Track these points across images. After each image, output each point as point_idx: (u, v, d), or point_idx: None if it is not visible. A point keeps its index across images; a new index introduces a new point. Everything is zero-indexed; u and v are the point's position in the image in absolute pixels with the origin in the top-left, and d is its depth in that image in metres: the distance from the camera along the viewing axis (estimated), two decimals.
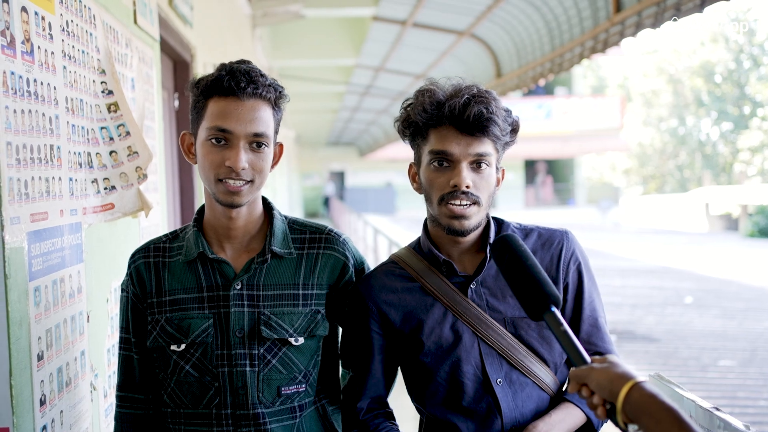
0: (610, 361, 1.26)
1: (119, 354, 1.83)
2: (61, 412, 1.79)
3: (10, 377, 1.52)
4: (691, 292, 11.85)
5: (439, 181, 1.68)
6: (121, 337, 1.83)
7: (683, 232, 25.37)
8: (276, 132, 1.73)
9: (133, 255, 1.82)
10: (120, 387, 1.82)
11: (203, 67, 4.36)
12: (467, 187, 1.65)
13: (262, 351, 1.71)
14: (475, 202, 1.67)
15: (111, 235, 2.26)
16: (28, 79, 1.63)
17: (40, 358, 1.66)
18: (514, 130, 1.72)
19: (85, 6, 2.06)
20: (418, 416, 1.89)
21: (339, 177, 38.38)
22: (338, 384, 1.90)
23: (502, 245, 1.50)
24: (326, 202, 33.96)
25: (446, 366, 1.72)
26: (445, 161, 1.67)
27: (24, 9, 1.62)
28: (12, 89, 1.55)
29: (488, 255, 1.73)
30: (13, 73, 1.56)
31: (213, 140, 1.65)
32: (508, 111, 1.71)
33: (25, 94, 1.62)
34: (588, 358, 1.29)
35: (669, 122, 39.51)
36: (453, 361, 1.71)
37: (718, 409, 1.80)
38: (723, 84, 36.80)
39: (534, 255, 1.69)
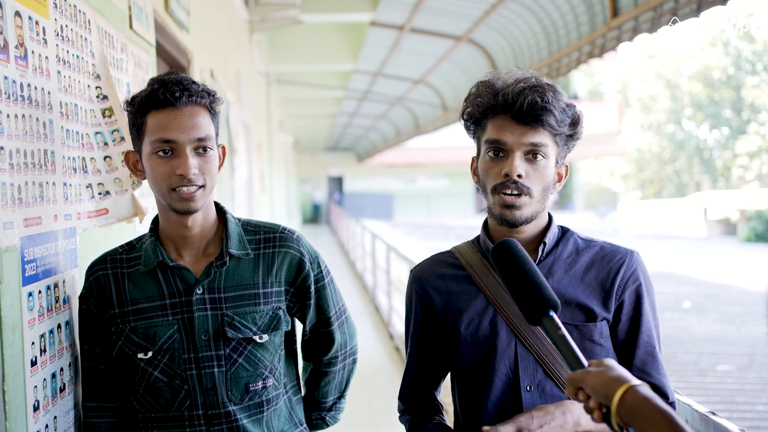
0: (606, 365, 1.25)
1: (83, 366, 1.84)
2: (55, 417, 1.78)
3: (2, 383, 1.51)
4: (690, 296, 11.85)
5: (493, 171, 1.65)
6: (83, 349, 1.84)
7: (681, 236, 25.39)
8: (217, 135, 1.77)
9: (91, 267, 1.84)
10: (86, 397, 1.84)
11: (200, 72, 4.36)
12: (519, 176, 1.60)
13: (228, 351, 1.76)
14: (527, 193, 1.62)
15: (106, 241, 2.26)
16: (21, 84, 1.63)
17: (33, 363, 1.65)
18: (575, 123, 1.66)
19: (79, 11, 2.06)
20: None
21: (337, 182, 38.39)
22: (299, 376, 1.97)
23: (502, 250, 1.48)
24: (316, 209, 33.59)
25: (479, 359, 1.70)
26: (500, 151, 1.64)
27: (17, 13, 1.62)
28: (5, 94, 1.55)
29: (541, 255, 1.70)
30: (6, 78, 1.55)
31: (159, 152, 1.68)
32: (569, 104, 1.65)
33: (19, 98, 1.61)
34: (585, 362, 1.29)
35: (667, 127, 39.56)
36: (486, 355, 1.69)
37: (714, 414, 1.80)
38: (722, 88, 36.86)
39: (591, 267, 1.70)
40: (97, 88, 2.17)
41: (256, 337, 1.77)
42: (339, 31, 11.27)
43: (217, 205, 1.84)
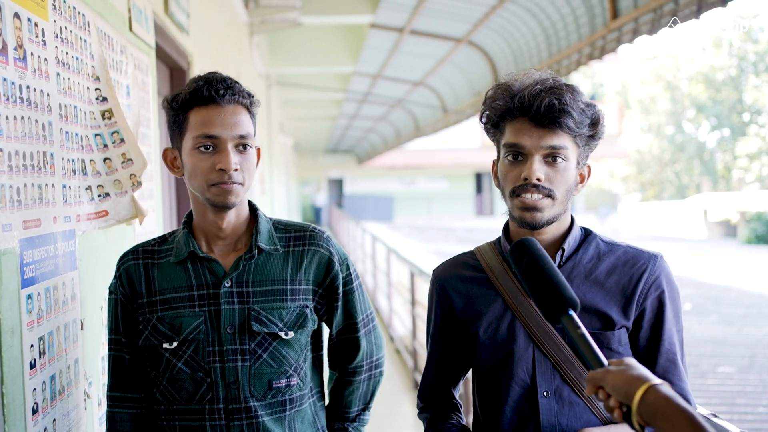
0: (626, 364, 1.24)
1: (109, 355, 1.85)
2: (54, 420, 1.77)
3: (1, 385, 1.51)
4: (690, 298, 11.84)
5: (511, 174, 1.63)
6: (110, 339, 1.85)
7: (682, 238, 25.38)
8: (254, 135, 1.79)
9: (122, 257, 1.85)
10: (112, 387, 1.84)
11: (200, 74, 4.35)
12: (538, 180, 1.58)
13: (252, 346, 1.76)
14: (549, 195, 1.60)
15: (105, 243, 2.25)
16: (20, 86, 1.63)
17: (32, 366, 1.65)
18: (595, 123, 1.63)
19: (79, 13, 2.06)
20: (417, 422, 1.89)
21: (337, 184, 38.38)
22: (323, 383, 1.96)
23: (521, 249, 1.47)
24: (317, 213, 33.31)
25: (496, 363, 1.69)
26: (519, 154, 1.62)
27: (17, 15, 1.62)
28: (4, 96, 1.54)
29: (560, 260, 1.67)
30: (5, 80, 1.55)
31: (201, 148, 1.71)
32: (588, 104, 1.62)
33: (18, 100, 1.61)
34: (605, 361, 1.28)
35: (667, 129, 39.56)
36: (504, 359, 1.67)
37: (715, 416, 1.80)
38: (723, 89, 36.86)
39: (612, 273, 1.67)
40: (96, 90, 2.16)
41: (282, 333, 1.77)
42: (339, 33, 11.27)
43: (250, 203, 1.87)
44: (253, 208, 1.87)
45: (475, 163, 37.49)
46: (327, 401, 2.01)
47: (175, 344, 1.75)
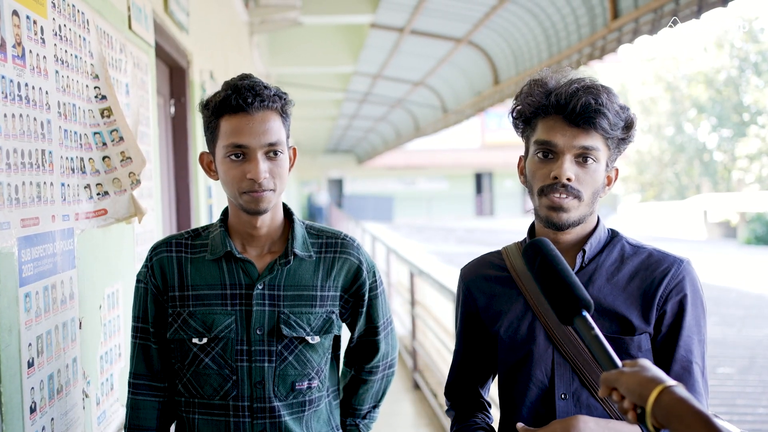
0: (640, 365, 1.23)
1: (134, 343, 1.88)
2: (52, 419, 1.77)
3: None
4: None
5: (541, 172, 1.60)
6: (136, 327, 1.88)
7: (681, 239, 25.37)
8: (288, 137, 1.81)
9: (155, 248, 1.88)
10: (137, 375, 1.87)
11: (199, 73, 4.35)
12: (568, 180, 1.56)
13: (280, 348, 1.80)
14: (576, 197, 1.58)
15: (104, 241, 2.25)
16: (19, 83, 1.62)
17: (30, 365, 1.64)
18: (628, 126, 1.61)
19: (78, 11, 2.05)
20: (416, 422, 1.90)
21: (337, 184, 38.37)
22: (338, 381, 2.00)
23: (534, 249, 1.45)
24: (319, 213, 33.09)
25: (516, 363, 1.68)
26: (550, 152, 1.59)
27: (15, 12, 1.61)
28: (3, 93, 1.54)
29: (582, 262, 1.65)
30: (3, 77, 1.54)
31: (232, 157, 1.73)
32: (623, 107, 1.61)
33: (16, 98, 1.60)
34: (619, 362, 1.26)
35: (667, 129, 39.55)
36: (523, 359, 1.67)
37: (715, 417, 1.79)
38: (724, 90, 36.85)
39: (635, 276, 1.64)
40: (95, 88, 2.16)
41: (309, 338, 1.81)
42: (339, 33, 11.27)
43: (285, 206, 1.89)
44: (288, 212, 1.90)
45: (475, 163, 37.52)
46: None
47: (205, 340, 1.79)
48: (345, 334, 1.98)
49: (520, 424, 1.56)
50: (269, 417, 1.79)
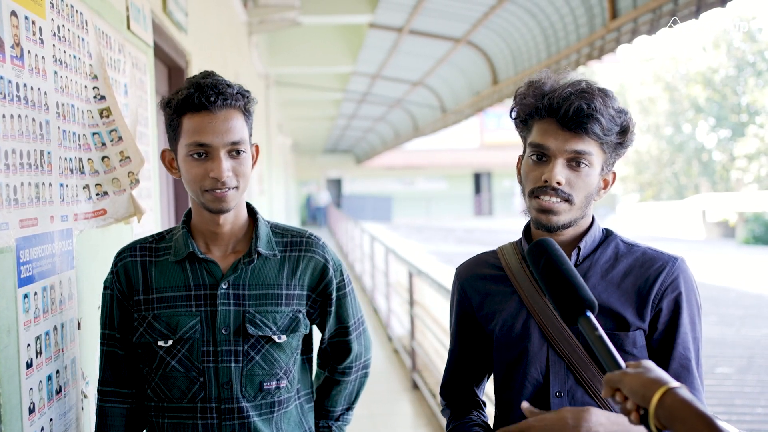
0: (644, 366, 1.23)
1: (102, 350, 1.87)
2: (51, 420, 1.77)
3: None
4: None
5: (533, 175, 1.61)
6: (103, 334, 1.87)
7: (680, 239, 25.39)
8: (250, 135, 1.80)
9: (120, 253, 1.87)
10: (104, 382, 1.86)
11: (195, 74, 4.35)
12: (558, 183, 1.57)
13: (246, 348, 1.78)
14: (567, 200, 1.58)
15: (103, 242, 2.25)
16: (17, 84, 1.62)
17: (29, 365, 1.64)
18: (624, 131, 1.61)
19: (77, 11, 2.05)
20: (415, 422, 1.90)
21: (336, 184, 38.36)
22: (311, 383, 1.99)
23: (538, 249, 1.46)
24: (320, 213, 32.95)
25: (511, 361, 1.69)
26: (543, 155, 1.60)
27: (14, 13, 1.61)
28: (1, 94, 1.54)
29: (576, 259, 1.66)
30: (2, 78, 1.54)
31: (194, 155, 1.73)
32: (620, 111, 1.60)
33: (15, 98, 1.60)
34: (623, 363, 1.27)
35: (665, 129, 39.57)
36: (518, 357, 1.67)
37: (715, 417, 1.79)
38: (722, 90, 36.87)
39: (629, 274, 1.65)
40: (94, 88, 2.16)
41: (275, 337, 1.80)
42: (338, 33, 11.27)
43: (248, 205, 1.89)
44: (252, 211, 1.89)
45: (474, 163, 37.52)
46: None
47: (170, 342, 1.78)
48: (316, 336, 1.98)
49: (525, 404, 1.54)
50: (238, 418, 1.78)
